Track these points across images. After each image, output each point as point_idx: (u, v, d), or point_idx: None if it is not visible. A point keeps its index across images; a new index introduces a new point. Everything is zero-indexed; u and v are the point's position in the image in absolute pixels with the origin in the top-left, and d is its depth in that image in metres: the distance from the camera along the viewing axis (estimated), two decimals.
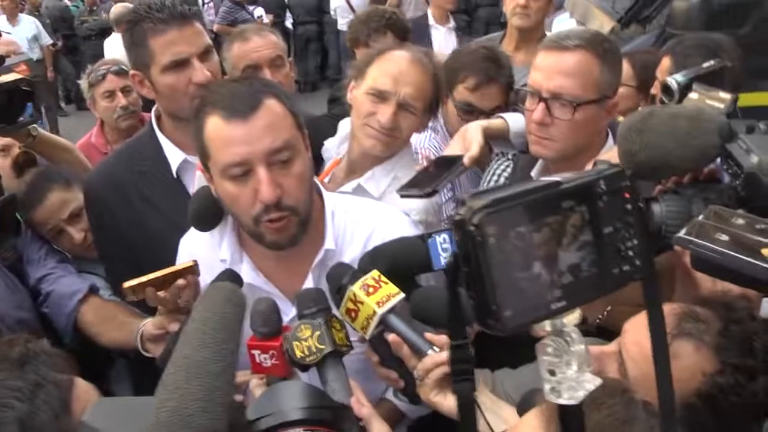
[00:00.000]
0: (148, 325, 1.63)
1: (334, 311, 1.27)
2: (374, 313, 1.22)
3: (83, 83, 3.30)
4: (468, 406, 0.73)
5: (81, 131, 3.35)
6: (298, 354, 1.20)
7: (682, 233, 0.79)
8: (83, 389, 1.00)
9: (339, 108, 2.33)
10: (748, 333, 1.04)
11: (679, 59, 2.25)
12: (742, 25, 4.74)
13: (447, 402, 1.22)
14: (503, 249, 0.56)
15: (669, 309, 1.14)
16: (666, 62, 2.35)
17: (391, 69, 1.75)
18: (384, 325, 1.24)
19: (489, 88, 2.20)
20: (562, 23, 5.91)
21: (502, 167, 1.96)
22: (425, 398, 1.25)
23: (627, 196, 0.63)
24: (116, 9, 7.18)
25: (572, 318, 0.62)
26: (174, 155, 1.88)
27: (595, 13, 5.33)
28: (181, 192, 1.83)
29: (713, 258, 0.73)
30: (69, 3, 11.72)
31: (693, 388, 1.05)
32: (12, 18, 9.15)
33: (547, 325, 0.62)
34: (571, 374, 0.61)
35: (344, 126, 2.00)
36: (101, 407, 0.91)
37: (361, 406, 1.20)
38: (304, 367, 1.21)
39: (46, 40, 9.23)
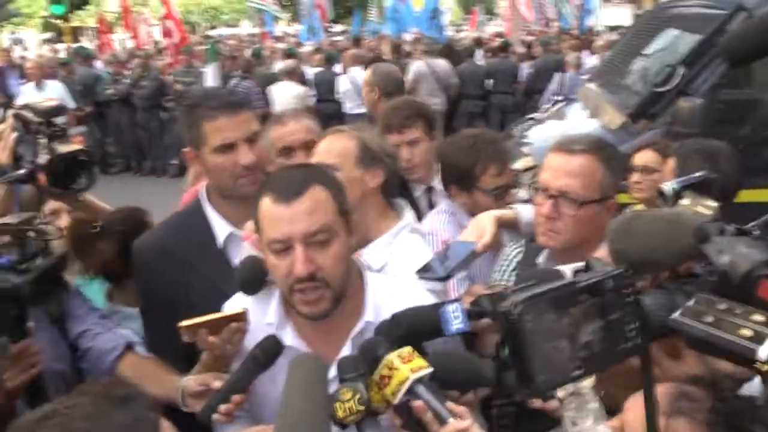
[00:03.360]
0: (191, 381, 1.75)
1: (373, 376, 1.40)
2: (407, 378, 1.33)
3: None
4: None
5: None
6: (340, 414, 1.32)
7: (675, 315, 0.92)
8: (167, 426, 1.15)
9: None
10: (733, 410, 1.18)
11: (681, 161, 2.48)
12: (742, 125, 4.99)
13: None
14: (537, 331, 0.79)
15: (664, 389, 1.28)
16: (671, 163, 2.59)
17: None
18: (412, 392, 1.35)
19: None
20: (576, 112, 6.20)
21: (515, 253, 2.14)
22: None
23: (627, 291, 0.84)
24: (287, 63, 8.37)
25: (588, 382, 0.82)
26: (221, 228, 2.07)
27: (606, 107, 5.59)
28: (226, 261, 2.00)
29: (701, 335, 0.87)
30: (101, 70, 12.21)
31: None
32: (38, 83, 9.53)
33: (569, 388, 0.81)
34: (590, 425, 0.79)
35: None
36: None
37: None
38: (344, 426, 1.34)
39: (71, 105, 9.40)
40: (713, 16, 5.01)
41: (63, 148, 2.17)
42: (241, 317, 1.66)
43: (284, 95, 8.37)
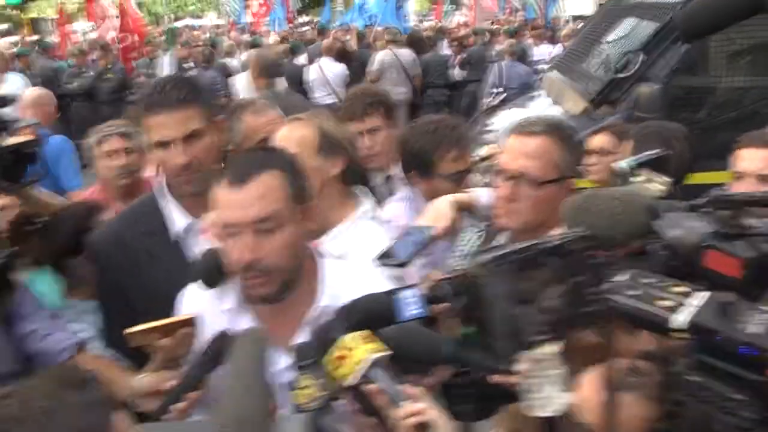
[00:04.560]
0: (143, 381, 1.72)
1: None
2: (365, 359, 1.32)
3: (92, 140, 3.37)
4: None
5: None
6: (301, 401, 1.32)
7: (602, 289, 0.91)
8: (121, 415, 1.14)
9: None
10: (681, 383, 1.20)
11: (638, 143, 2.51)
12: (698, 110, 5.08)
13: None
14: (499, 293, 0.76)
15: (615, 366, 1.30)
16: (628, 145, 2.62)
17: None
18: (366, 376, 1.34)
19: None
20: (539, 101, 6.25)
21: (475, 237, 2.13)
22: None
23: (591, 254, 0.83)
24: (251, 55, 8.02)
25: (550, 348, 0.80)
26: (179, 218, 2.04)
27: (568, 93, 5.65)
28: (183, 252, 1.98)
29: (622, 307, 0.87)
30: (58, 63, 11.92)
31: None
32: None
33: (529, 353, 0.79)
34: (552, 391, 0.78)
35: None
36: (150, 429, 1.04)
37: None
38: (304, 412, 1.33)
39: None
40: (670, 4, 5.10)
41: (11, 140, 2.12)
42: (190, 322, 1.64)
43: (245, 85, 8.31)
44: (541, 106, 5.97)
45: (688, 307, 0.85)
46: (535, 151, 1.80)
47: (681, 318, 0.83)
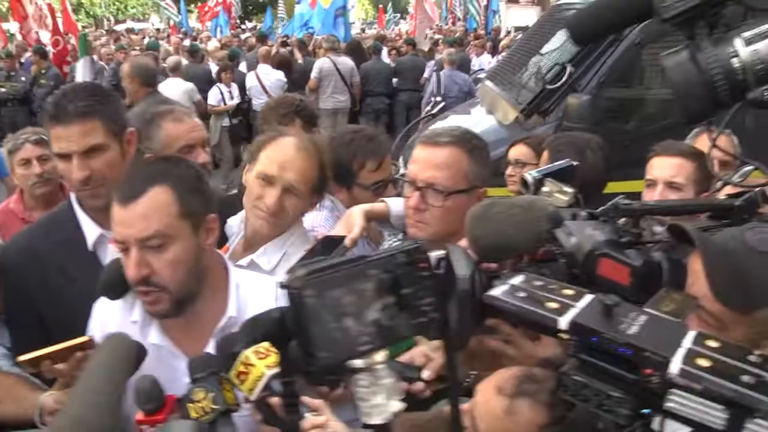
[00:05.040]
0: (49, 399, 1.68)
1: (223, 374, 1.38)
2: (263, 375, 1.32)
3: (3, 150, 3.33)
4: None
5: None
6: (193, 415, 1.29)
7: (491, 292, 0.91)
8: None
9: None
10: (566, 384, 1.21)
11: (553, 154, 2.55)
12: (628, 120, 5.24)
13: None
14: (320, 306, 0.74)
15: (511, 373, 1.32)
16: (545, 155, 2.66)
17: (278, 155, 1.90)
18: (268, 388, 1.34)
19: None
20: (475, 110, 6.34)
21: (395, 245, 2.12)
22: None
23: (423, 265, 0.82)
24: (171, 60, 8.33)
25: (381, 357, 0.79)
26: (90, 229, 1.99)
27: (500, 103, 5.74)
28: (96, 264, 1.92)
29: (511, 309, 0.88)
30: None
31: None
32: None
33: (359, 363, 0.78)
34: (381, 401, 0.77)
35: None
36: None
37: None
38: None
39: None
40: None
41: None
42: (87, 345, 1.61)
43: (173, 91, 8.20)
44: (478, 115, 6.06)
45: (574, 308, 0.86)
46: (443, 161, 1.81)
47: (565, 319, 0.84)
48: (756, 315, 1.17)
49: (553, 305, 0.86)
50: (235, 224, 2.14)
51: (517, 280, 0.96)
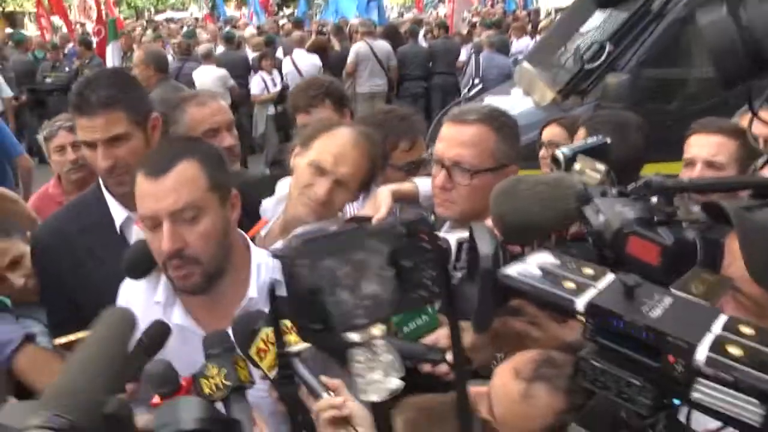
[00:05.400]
0: None
1: (237, 351, 1.38)
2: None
3: (40, 137, 3.39)
4: None
5: (43, 183, 3.48)
6: (206, 391, 1.30)
7: (506, 271, 0.87)
8: None
9: (280, 170, 2.48)
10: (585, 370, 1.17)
11: (591, 131, 2.46)
12: (670, 100, 5.07)
13: None
14: (315, 276, 0.71)
15: (530, 355, 1.27)
16: (581, 132, 2.58)
17: (333, 147, 1.87)
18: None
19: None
20: (514, 91, 6.23)
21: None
22: None
23: (425, 237, 0.78)
24: (203, 47, 8.61)
25: (379, 332, 0.76)
26: (117, 212, 2.02)
27: (537, 84, 5.62)
28: (124, 246, 1.93)
29: (526, 288, 0.84)
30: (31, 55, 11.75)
31: (548, 425, 1.19)
32: None
33: (356, 337, 0.75)
34: (378, 377, 0.73)
35: (282, 187, 2.12)
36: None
37: None
38: (212, 403, 1.30)
39: (7, 93, 9.01)
40: None
41: None
42: None
43: (206, 78, 8.27)
44: (515, 97, 5.95)
45: (593, 289, 0.82)
46: (470, 139, 1.76)
47: (583, 300, 0.80)
48: None
49: (571, 285, 0.82)
50: (270, 206, 2.13)
51: (536, 258, 0.92)
